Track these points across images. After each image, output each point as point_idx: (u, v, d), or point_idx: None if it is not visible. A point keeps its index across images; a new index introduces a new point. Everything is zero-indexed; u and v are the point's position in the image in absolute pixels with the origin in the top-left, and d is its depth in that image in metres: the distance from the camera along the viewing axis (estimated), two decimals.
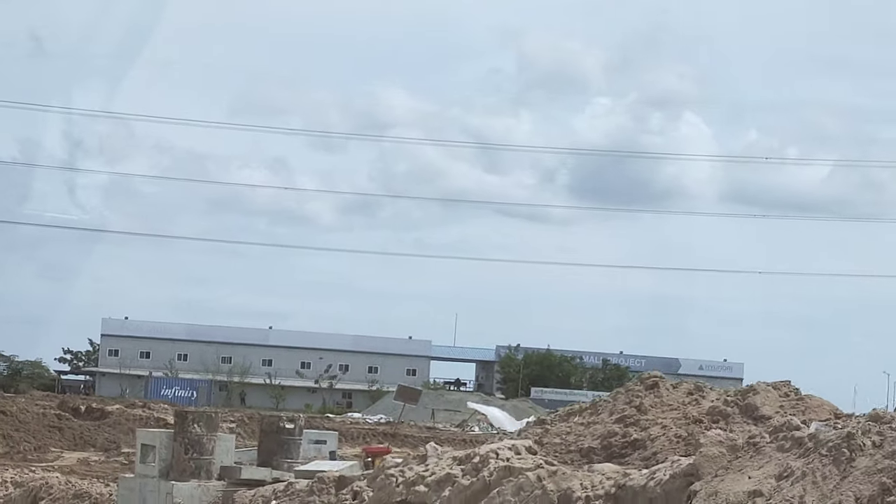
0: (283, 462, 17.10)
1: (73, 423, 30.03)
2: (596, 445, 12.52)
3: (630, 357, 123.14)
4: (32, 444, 28.06)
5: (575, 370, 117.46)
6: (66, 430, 28.94)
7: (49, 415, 30.43)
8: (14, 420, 29.35)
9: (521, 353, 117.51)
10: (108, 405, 34.40)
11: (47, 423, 29.46)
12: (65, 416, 30.75)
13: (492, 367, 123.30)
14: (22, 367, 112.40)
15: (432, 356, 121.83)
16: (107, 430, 30.31)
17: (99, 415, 33.09)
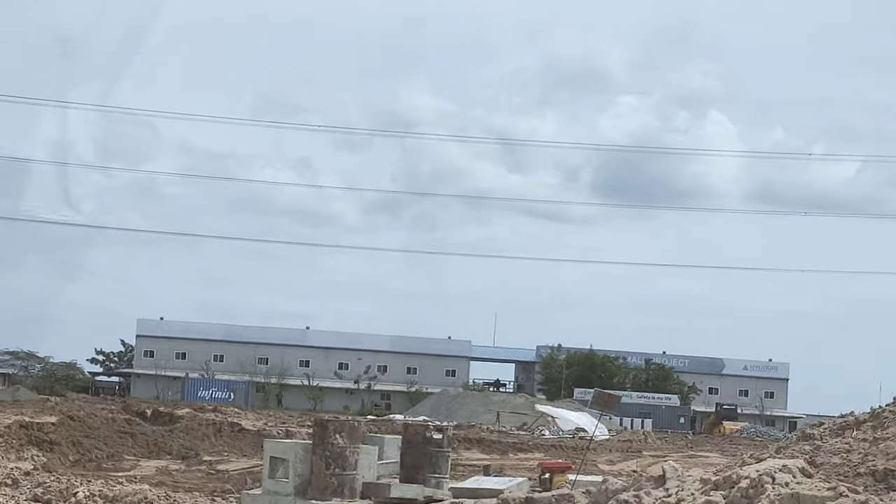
0: (431, 478, 14.72)
1: (145, 429, 27.77)
2: (894, 467, 10.05)
3: (673, 357, 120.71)
4: (104, 451, 25.83)
5: (618, 370, 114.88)
6: (137, 437, 26.67)
7: (118, 420, 28.15)
8: (83, 425, 27.11)
9: (562, 353, 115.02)
10: (178, 409, 32.14)
11: (117, 429, 27.21)
12: (135, 422, 28.48)
13: (532, 368, 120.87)
14: (57, 369, 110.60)
15: (472, 357, 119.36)
16: (179, 435, 28.01)
17: (167, 419, 30.81)
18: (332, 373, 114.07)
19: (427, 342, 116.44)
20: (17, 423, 26.73)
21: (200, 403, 74.93)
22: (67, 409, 29.63)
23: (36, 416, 27.96)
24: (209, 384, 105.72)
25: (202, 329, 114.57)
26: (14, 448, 25.61)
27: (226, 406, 45.90)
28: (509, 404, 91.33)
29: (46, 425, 27.11)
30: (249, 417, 30.29)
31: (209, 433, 28.02)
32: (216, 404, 52.85)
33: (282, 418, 31.67)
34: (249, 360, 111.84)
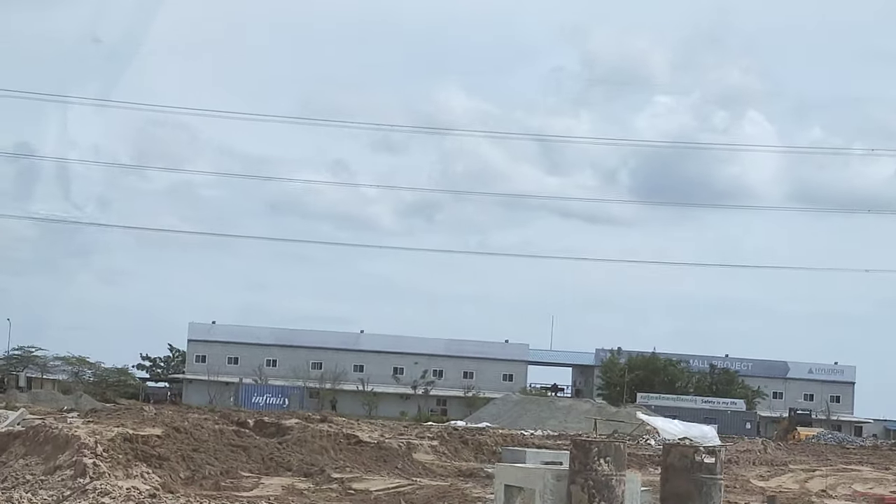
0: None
1: (258, 442, 25.10)
2: None
3: (736, 360, 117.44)
4: (217, 466, 23.20)
5: (681, 374, 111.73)
6: (251, 450, 24.02)
7: (227, 431, 25.51)
8: (189, 438, 24.47)
9: (623, 356, 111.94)
10: (285, 419, 29.46)
11: (227, 442, 24.60)
12: (244, 433, 25.83)
13: (591, 372, 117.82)
14: (108, 375, 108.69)
15: (530, 361, 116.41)
16: (294, 449, 25.33)
17: (274, 430, 28.15)
18: (388, 377, 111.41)
19: (483, 346, 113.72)
20: (121, 435, 24.15)
21: (272, 411, 72.43)
22: (170, 419, 27.00)
23: (137, 427, 25.32)
24: (263, 390, 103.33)
25: (254, 333, 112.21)
26: (121, 464, 23.03)
27: (323, 414, 43.30)
28: (576, 410, 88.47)
29: (152, 438, 24.50)
30: (364, 428, 27.69)
31: (326, 446, 25.34)
32: (316, 412, 50.03)
33: (398, 430, 29.08)
34: (302, 364, 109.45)
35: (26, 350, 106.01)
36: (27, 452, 25.94)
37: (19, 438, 26.95)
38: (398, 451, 25.75)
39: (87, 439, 23.97)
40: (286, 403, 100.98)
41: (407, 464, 25.04)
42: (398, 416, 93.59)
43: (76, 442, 23.98)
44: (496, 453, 28.46)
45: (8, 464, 25.97)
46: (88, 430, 24.93)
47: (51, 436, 25.53)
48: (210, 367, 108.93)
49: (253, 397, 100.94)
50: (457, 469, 25.14)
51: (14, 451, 26.53)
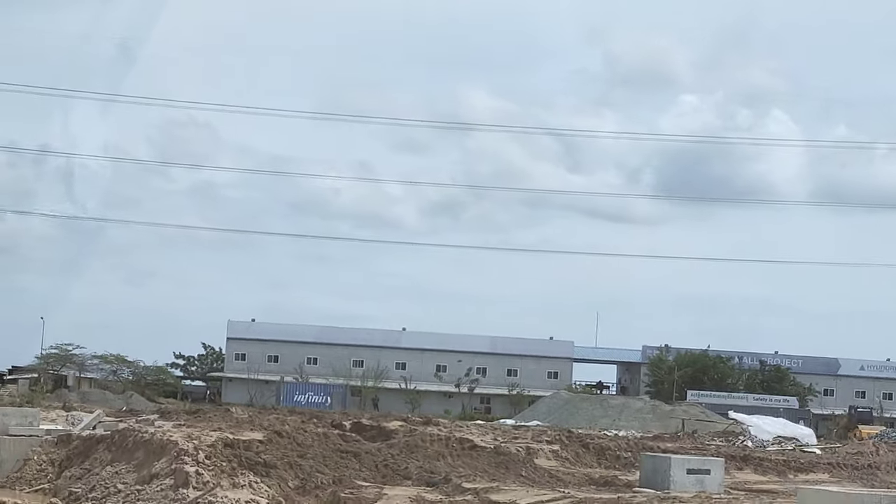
0: None
1: (368, 447, 22.77)
2: None
3: (786, 357, 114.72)
4: (328, 475, 20.90)
5: (731, 372, 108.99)
6: (363, 457, 21.69)
7: (332, 436, 23.18)
8: (292, 443, 22.13)
9: (671, 353, 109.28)
10: (386, 421, 27.08)
11: (334, 447, 22.28)
12: (351, 438, 23.49)
13: (636, 369, 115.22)
14: (147, 374, 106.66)
15: (575, 358, 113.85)
16: (408, 454, 22.99)
17: (375, 433, 25.81)
18: (430, 375, 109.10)
19: (527, 343, 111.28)
20: (221, 440, 21.84)
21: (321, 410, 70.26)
22: (268, 423, 24.68)
23: (235, 431, 23.00)
24: (305, 388, 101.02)
25: (295, 331, 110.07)
26: (226, 472, 20.74)
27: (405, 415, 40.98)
28: (629, 408, 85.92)
29: (254, 443, 22.18)
30: (473, 431, 25.35)
31: (443, 451, 23.00)
32: (396, 413, 47.34)
33: (511, 433, 26.73)
34: (344, 362, 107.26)
35: (63, 348, 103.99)
36: (114, 459, 23.71)
37: (103, 443, 24.74)
38: (517, 456, 23.41)
39: (186, 445, 21.70)
40: (328, 402, 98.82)
41: (530, 470, 22.69)
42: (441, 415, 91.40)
43: (173, 448, 21.72)
44: (619, 458, 26.22)
45: (93, 471, 23.77)
46: (184, 435, 22.63)
47: (141, 440, 23.28)
48: (250, 366, 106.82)
49: (295, 396, 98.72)
50: (587, 476, 22.80)
51: (98, 456, 24.31)
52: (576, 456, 26.15)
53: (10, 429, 26.69)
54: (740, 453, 32.73)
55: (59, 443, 26.21)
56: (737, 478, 24.14)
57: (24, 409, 27.71)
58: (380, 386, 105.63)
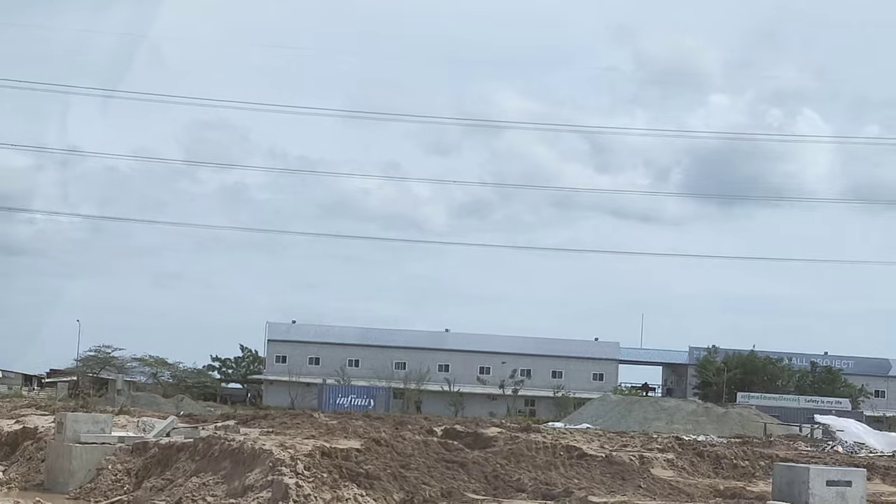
0: None
1: (473, 456, 21.01)
2: None
3: (836, 358, 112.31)
4: (435, 487, 19.10)
5: (781, 373, 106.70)
6: (470, 467, 19.93)
7: (433, 444, 21.45)
8: (392, 452, 20.38)
9: (719, 354, 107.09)
10: (483, 427, 25.29)
11: (437, 456, 20.53)
12: (454, 446, 21.74)
13: (683, 371, 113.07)
14: (187, 376, 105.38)
15: (620, 359, 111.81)
16: (516, 464, 21.22)
17: (471, 440, 24.04)
18: (474, 377, 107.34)
19: (572, 344, 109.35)
20: (319, 449, 20.13)
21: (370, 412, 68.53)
22: (362, 430, 22.94)
23: (330, 439, 21.29)
24: (347, 391, 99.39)
25: (336, 333, 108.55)
26: (327, 485, 19.03)
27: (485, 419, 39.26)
28: (682, 411, 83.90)
29: (352, 452, 20.47)
30: (578, 438, 23.55)
31: (553, 461, 21.24)
32: (470, 417, 45.55)
33: (616, 441, 24.84)
34: (386, 364, 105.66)
35: (102, 351, 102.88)
36: (199, 469, 22.02)
37: (184, 452, 23.06)
38: (632, 465, 21.61)
39: (281, 454, 19.99)
40: (371, 405, 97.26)
41: (649, 481, 20.88)
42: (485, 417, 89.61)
43: (268, 458, 20.02)
44: (736, 467, 24.37)
45: (176, 482, 22.08)
46: (276, 443, 20.93)
47: (228, 449, 21.59)
48: (291, 368, 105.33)
49: (337, 398, 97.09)
50: (711, 488, 20.98)
51: (181, 466, 22.63)
52: (691, 465, 24.34)
53: (81, 436, 25.05)
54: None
55: (134, 451, 24.57)
56: (867, 489, 22.24)
57: (95, 415, 26.07)
58: (423, 388, 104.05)
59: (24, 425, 30.11)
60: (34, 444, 28.02)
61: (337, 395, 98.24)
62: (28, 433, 29.34)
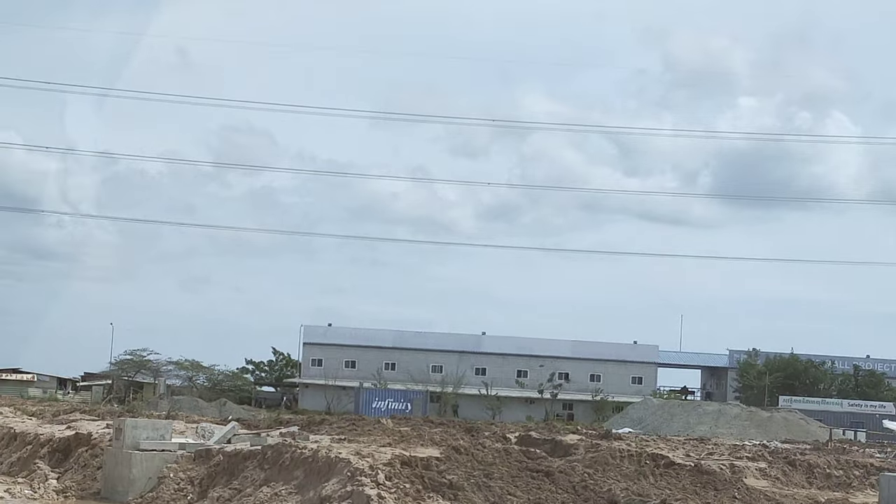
0: None
1: (559, 465, 19.90)
2: None
3: (878, 361, 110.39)
4: (522, 498, 18.08)
5: (823, 376, 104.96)
6: (556, 477, 18.82)
7: (514, 452, 20.36)
8: (472, 460, 19.31)
9: (760, 358, 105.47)
10: (561, 434, 24.15)
11: (520, 465, 19.44)
12: (535, 454, 20.65)
13: (723, 374, 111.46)
14: (224, 380, 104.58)
15: (660, 363, 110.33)
16: (603, 473, 20.09)
17: (549, 447, 22.93)
18: (511, 381, 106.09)
19: (610, 347, 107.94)
20: (398, 458, 19.08)
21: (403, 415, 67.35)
22: (439, 436, 21.87)
23: (407, 447, 20.24)
24: (384, 395, 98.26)
25: (372, 336, 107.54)
26: (411, 496, 18.00)
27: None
28: (726, 415, 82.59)
29: (432, 461, 19.41)
30: (661, 446, 22.38)
31: (643, 470, 20.12)
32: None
33: (702, 448, 23.68)
34: (422, 368, 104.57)
35: (137, 354, 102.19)
36: (269, 478, 21.03)
37: (252, 460, 22.07)
38: (722, 475, 20.47)
39: (360, 463, 18.95)
40: (409, 408, 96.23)
41: (743, 492, 19.74)
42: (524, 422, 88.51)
43: (346, 467, 18.98)
44: (830, 476, 23.20)
45: (244, 492, 21.10)
46: (351, 451, 19.89)
47: (300, 458, 20.58)
48: (326, 371, 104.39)
49: (374, 402, 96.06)
50: (810, 500, 19.82)
51: (249, 475, 21.63)
52: (784, 474, 23.17)
53: (140, 443, 24.13)
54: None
55: (196, 458, 23.62)
56: None
57: (154, 421, 25.14)
58: (459, 392, 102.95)
59: (77, 431, 29.26)
60: (89, 451, 27.18)
61: (374, 399, 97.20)
62: (81, 439, 28.50)
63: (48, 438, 29.62)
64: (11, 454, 30.86)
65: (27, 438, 30.80)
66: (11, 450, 31.21)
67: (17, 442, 31.39)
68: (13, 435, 31.86)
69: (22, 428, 32.24)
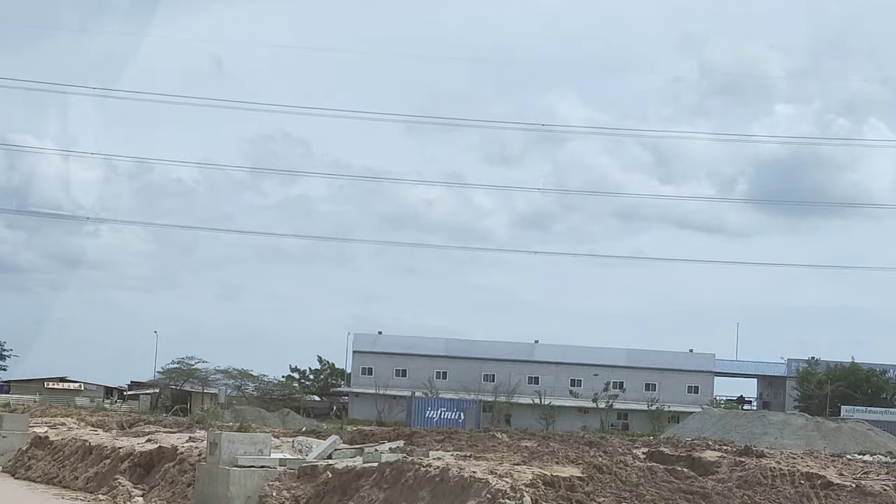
0: None
1: (713, 485, 17.93)
2: None
3: None
4: None
5: (886, 385, 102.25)
6: (713, 499, 16.83)
7: (659, 471, 18.41)
8: (616, 480, 17.35)
9: (820, 366, 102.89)
10: (696, 451, 22.25)
11: (669, 486, 17.50)
12: (683, 474, 18.68)
13: (781, 383, 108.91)
14: (273, 389, 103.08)
15: (716, 372, 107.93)
16: (762, 495, 18.11)
17: (685, 464, 20.98)
18: (564, 390, 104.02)
19: (666, 356, 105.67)
20: (540, 478, 17.15)
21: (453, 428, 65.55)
22: (573, 454, 19.94)
23: (542, 465, 18.30)
24: (437, 404, 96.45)
25: (423, 344, 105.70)
26: None
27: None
28: (791, 425, 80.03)
29: (576, 482, 17.46)
30: (809, 463, 20.41)
31: (806, 492, 18.13)
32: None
33: (852, 467, 21.78)
34: (474, 377, 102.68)
35: (185, 363, 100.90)
36: (389, 499, 19.14)
37: (366, 478, 20.19)
38: (889, 497, 18.47)
39: (499, 484, 17.04)
40: (462, 418, 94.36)
41: None
42: (578, 431, 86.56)
43: (484, 488, 17.07)
44: None
45: None
46: (485, 470, 17.97)
47: (426, 476, 18.67)
48: (377, 380, 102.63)
49: (426, 412, 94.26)
50: None
51: (365, 495, 19.74)
52: None
53: (238, 458, 22.31)
54: None
55: (301, 476, 21.77)
56: None
57: (252, 435, 23.29)
58: (512, 401, 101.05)
59: (160, 445, 27.51)
60: (176, 466, 25.41)
61: (426, 409, 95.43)
62: (166, 453, 26.75)
63: (128, 452, 27.89)
64: (87, 468, 29.18)
65: (104, 452, 29.09)
66: (87, 464, 29.53)
67: (92, 455, 29.70)
68: (88, 448, 30.17)
69: (97, 440, 30.53)
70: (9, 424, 36.71)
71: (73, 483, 28.80)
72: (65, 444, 31.64)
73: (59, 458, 31.17)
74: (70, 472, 29.67)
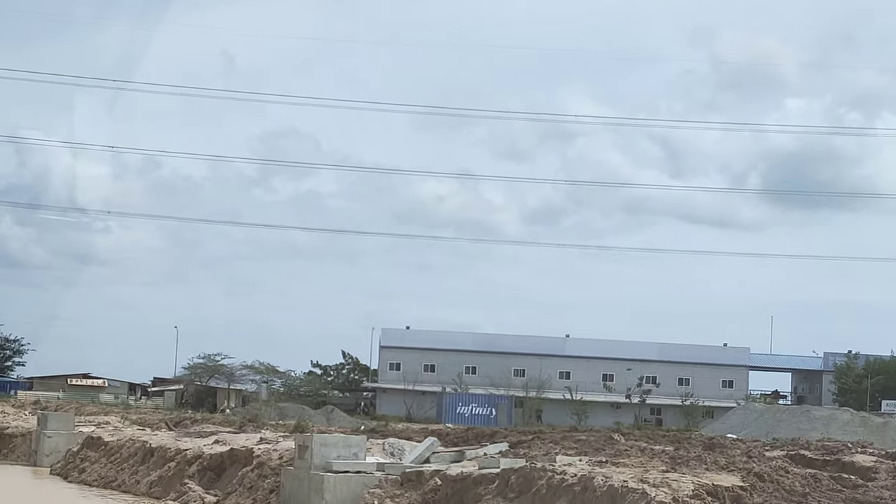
0: None
1: (890, 495, 15.79)
2: None
3: None
4: None
5: None
6: None
7: (822, 479, 16.32)
8: (780, 489, 15.37)
9: (860, 360, 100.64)
10: (844, 454, 20.10)
11: (839, 495, 15.46)
12: (849, 482, 16.60)
13: (817, 377, 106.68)
14: (300, 385, 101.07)
15: (751, 366, 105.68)
16: None
17: (833, 469, 18.91)
18: (599, 385, 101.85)
19: (700, 350, 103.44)
20: (703, 488, 15.05)
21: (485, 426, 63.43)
22: (722, 460, 17.85)
23: (699, 473, 16.21)
24: (468, 399, 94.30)
25: (452, 339, 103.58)
26: None
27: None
28: (837, 420, 77.63)
29: (740, 492, 15.39)
30: None
31: None
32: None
33: None
34: (503, 371, 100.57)
35: (211, 358, 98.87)
36: None
37: (484, 486, 18.14)
38: None
39: (658, 494, 14.95)
40: (493, 414, 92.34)
41: None
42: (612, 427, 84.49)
43: (641, 500, 15.02)
44: None
45: None
46: (635, 478, 15.88)
47: (562, 485, 16.60)
48: (405, 376, 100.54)
49: (457, 407, 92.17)
50: None
51: None
52: None
53: (332, 463, 20.28)
54: None
55: (405, 483, 19.72)
56: None
57: (346, 438, 21.28)
58: (543, 396, 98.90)
59: (231, 447, 25.47)
60: (255, 471, 23.35)
61: (457, 404, 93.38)
62: (238, 456, 24.71)
63: (196, 455, 25.87)
64: (150, 472, 27.19)
65: (167, 454, 27.08)
66: (148, 467, 27.54)
67: (154, 458, 27.69)
68: (149, 449, 28.15)
69: (158, 441, 28.51)
70: (54, 424, 34.83)
71: (135, 488, 26.85)
72: (121, 446, 29.68)
73: (115, 461, 29.23)
74: (130, 476, 27.71)
